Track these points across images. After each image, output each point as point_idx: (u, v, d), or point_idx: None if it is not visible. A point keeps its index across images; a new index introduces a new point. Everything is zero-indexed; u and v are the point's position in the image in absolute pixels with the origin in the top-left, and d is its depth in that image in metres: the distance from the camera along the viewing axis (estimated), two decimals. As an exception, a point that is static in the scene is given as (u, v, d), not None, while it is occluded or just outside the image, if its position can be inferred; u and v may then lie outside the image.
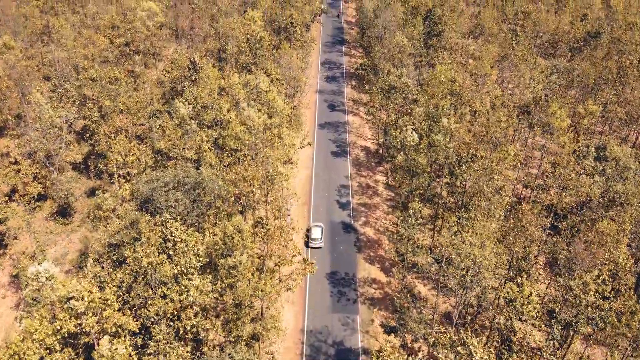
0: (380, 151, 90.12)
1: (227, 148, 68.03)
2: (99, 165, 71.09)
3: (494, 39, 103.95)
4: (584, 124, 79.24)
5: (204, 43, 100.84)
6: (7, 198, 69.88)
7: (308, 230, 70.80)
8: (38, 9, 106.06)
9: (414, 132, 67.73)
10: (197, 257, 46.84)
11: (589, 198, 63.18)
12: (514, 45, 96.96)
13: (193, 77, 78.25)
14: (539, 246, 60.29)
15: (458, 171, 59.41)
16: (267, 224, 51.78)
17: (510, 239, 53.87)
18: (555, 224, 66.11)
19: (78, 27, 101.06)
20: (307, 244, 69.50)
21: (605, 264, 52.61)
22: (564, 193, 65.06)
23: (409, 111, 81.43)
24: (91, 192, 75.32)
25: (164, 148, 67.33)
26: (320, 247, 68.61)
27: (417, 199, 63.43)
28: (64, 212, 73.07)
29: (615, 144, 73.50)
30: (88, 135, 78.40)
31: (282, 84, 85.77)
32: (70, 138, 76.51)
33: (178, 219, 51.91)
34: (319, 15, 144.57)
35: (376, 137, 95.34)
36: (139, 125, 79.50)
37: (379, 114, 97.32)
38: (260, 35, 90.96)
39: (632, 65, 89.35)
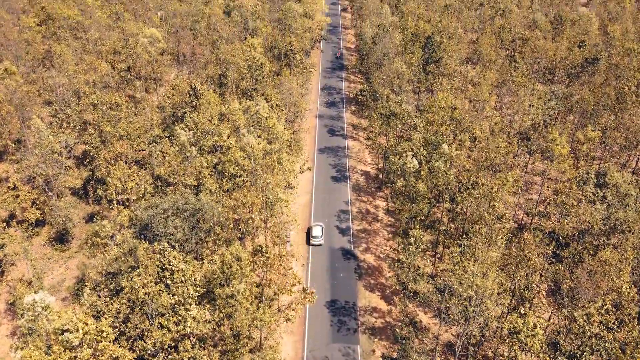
0: (380, 176, 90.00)
1: (226, 174, 67.87)
2: (98, 191, 70.78)
3: (492, 65, 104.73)
4: (583, 150, 79.28)
5: (205, 69, 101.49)
6: (5, 224, 69.44)
7: (309, 229, 75.41)
8: (40, 35, 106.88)
9: (413, 158, 67.65)
10: (195, 287, 46.22)
11: (590, 225, 62.79)
12: (512, 71, 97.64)
13: (194, 103, 78.54)
14: (541, 275, 59.65)
15: (459, 198, 59.14)
16: (266, 252, 51.31)
17: (512, 267, 53.30)
18: (557, 251, 65.55)
19: (80, 52, 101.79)
20: (308, 242, 74.28)
21: (609, 293, 51.97)
22: (565, 220, 64.66)
23: (409, 136, 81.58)
24: (90, 218, 74.87)
25: (163, 174, 67.14)
26: (321, 245, 73.67)
27: (418, 226, 62.98)
28: (61, 238, 72.53)
29: (615, 170, 73.31)
30: (88, 160, 78.32)
31: (282, 110, 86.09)
32: (70, 163, 76.45)
33: (176, 246, 51.51)
34: (319, 42, 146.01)
35: (376, 162, 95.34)
36: (139, 150, 79.45)
37: (379, 139, 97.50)
38: (261, 61, 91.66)
39: (631, 91, 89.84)
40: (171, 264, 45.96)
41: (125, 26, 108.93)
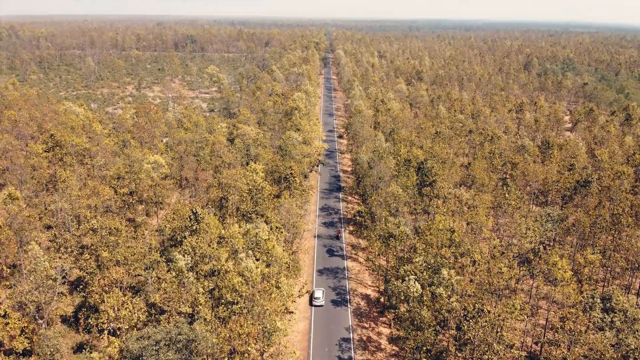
0: (382, 299, 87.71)
1: (223, 300, 66.06)
2: (90, 319, 68.34)
3: (486, 188, 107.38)
4: (585, 273, 78.44)
5: (207, 193, 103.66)
6: (-11, 355, 66.04)
7: (312, 293, 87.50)
8: (47, 160, 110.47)
9: (416, 282, 66.42)
10: None
11: (602, 354, 60.01)
12: (505, 194, 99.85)
13: (194, 227, 79.00)
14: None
15: (465, 326, 57.10)
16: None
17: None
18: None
19: (84, 177, 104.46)
20: (311, 303, 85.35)
21: None
22: (576, 348, 61.93)
23: (409, 257, 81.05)
24: (78, 348, 71.39)
25: (158, 302, 65.36)
26: (322, 305, 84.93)
27: (424, 357, 59.98)
28: (46, 371, 68.43)
29: (620, 293, 71.94)
30: (81, 286, 76.66)
31: (282, 232, 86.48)
32: (63, 289, 74.73)
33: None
34: (317, 166, 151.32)
35: (377, 285, 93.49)
36: (135, 276, 78.18)
37: (378, 260, 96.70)
38: (262, 185, 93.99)
39: (625, 212, 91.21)
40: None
41: (131, 153, 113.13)
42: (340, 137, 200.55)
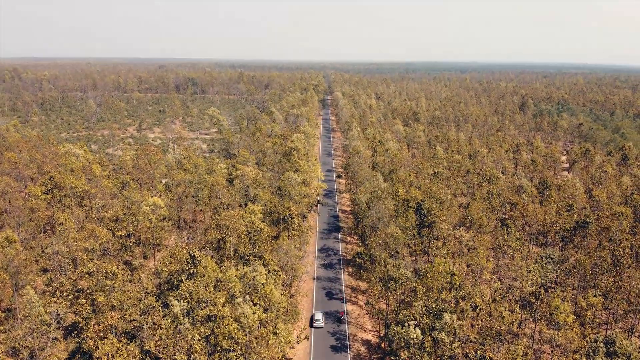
0: (383, 345, 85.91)
1: (219, 348, 64.69)
2: (83, 367, 66.78)
3: (485, 229, 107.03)
4: (588, 316, 77.32)
5: (205, 235, 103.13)
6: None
7: (313, 315, 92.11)
8: (45, 202, 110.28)
9: (416, 328, 65.29)
10: None
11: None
12: (505, 236, 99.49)
13: (191, 270, 78.15)
14: None
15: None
16: None
17: None
18: None
19: (82, 220, 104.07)
20: (311, 325, 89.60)
21: None
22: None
23: (409, 301, 79.92)
24: (70, 397, 69.40)
25: (153, 349, 63.99)
26: (322, 327, 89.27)
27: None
28: (36, 421, 66.32)
29: (623, 337, 70.66)
30: (76, 332, 75.20)
31: (279, 275, 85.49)
32: (57, 334, 73.26)
33: None
34: (315, 206, 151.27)
35: (377, 329, 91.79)
36: (131, 321, 76.79)
37: (379, 304, 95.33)
38: (260, 227, 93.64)
39: (625, 253, 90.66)
40: None
41: (130, 194, 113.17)
42: (339, 176, 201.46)
